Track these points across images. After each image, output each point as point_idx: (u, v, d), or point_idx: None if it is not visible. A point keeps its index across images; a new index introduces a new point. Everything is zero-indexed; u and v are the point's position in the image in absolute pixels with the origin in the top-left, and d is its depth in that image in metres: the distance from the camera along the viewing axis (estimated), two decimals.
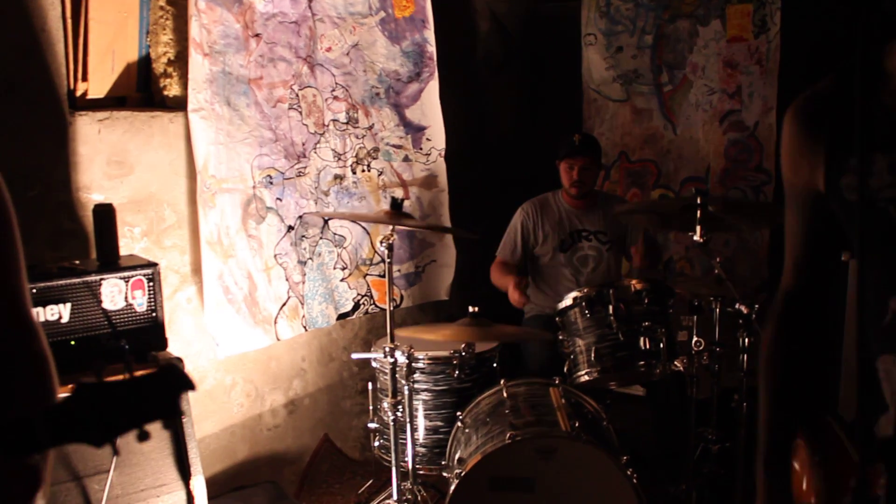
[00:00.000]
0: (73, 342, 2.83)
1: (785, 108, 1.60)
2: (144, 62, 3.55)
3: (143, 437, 1.30)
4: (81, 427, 1.28)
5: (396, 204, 3.24)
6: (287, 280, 3.94)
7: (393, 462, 3.36)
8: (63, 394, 1.33)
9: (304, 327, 4.04)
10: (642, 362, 3.37)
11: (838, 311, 1.81)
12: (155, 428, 1.33)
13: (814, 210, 1.56)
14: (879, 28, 1.29)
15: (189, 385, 1.32)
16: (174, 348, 3.36)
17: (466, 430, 3.17)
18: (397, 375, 3.31)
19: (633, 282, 3.47)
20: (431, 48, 4.51)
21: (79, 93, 3.33)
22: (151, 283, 3.02)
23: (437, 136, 4.57)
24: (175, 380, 1.33)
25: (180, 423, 2.96)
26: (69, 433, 1.28)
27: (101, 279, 2.91)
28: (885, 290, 1.39)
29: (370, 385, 3.57)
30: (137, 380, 1.31)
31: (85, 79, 3.33)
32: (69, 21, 3.25)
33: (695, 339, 3.25)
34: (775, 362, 1.67)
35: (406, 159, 4.46)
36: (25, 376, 1.52)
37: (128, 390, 1.31)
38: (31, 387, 1.52)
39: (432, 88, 4.53)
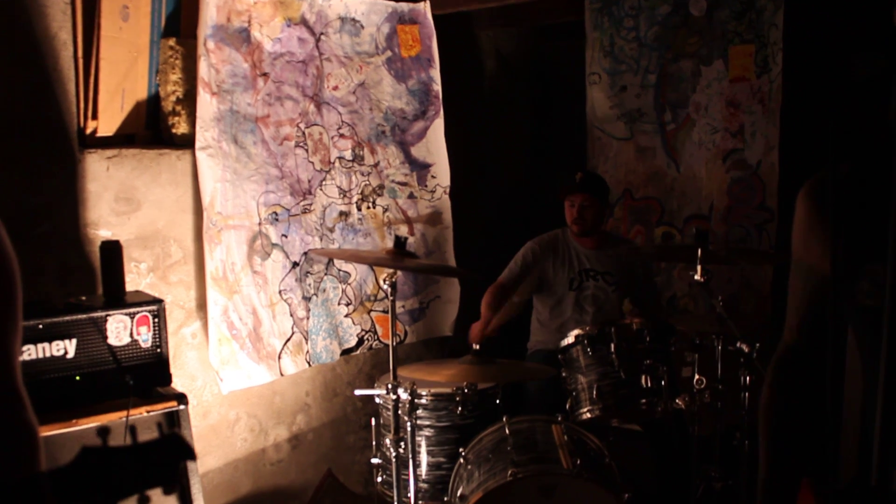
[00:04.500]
0: (77, 378, 2.84)
1: (787, 147, 1.63)
2: (153, 101, 3.60)
3: (144, 501, 1.33)
4: (85, 490, 1.29)
5: (400, 243, 3.24)
6: (292, 316, 3.97)
7: (395, 498, 3.35)
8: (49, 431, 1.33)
9: (308, 363, 4.05)
10: (644, 400, 3.38)
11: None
12: (158, 462, 1.35)
13: (819, 287, 1.62)
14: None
15: (191, 455, 1.34)
16: (178, 383, 3.39)
17: (469, 467, 3.17)
18: (400, 412, 3.32)
19: (635, 320, 3.50)
20: (437, 87, 4.57)
21: (88, 131, 3.38)
22: (157, 320, 3.05)
23: (442, 173, 4.62)
24: (177, 448, 1.36)
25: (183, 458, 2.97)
26: (73, 496, 1.29)
27: (107, 315, 2.94)
28: None
29: (373, 421, 3.58)
30: (140, 446, 1.33)
31: (95, 117, 3.38)
32: (80, 61, 3.30)
33: (696, 377, 3.26)
34: (774, 411, 1.71)
35: (411, 196, 4.50)
36: (15, 446, 1.45)
37: (131, 457, 1.33)
38: (21, 456, 1.45)
39: (438, 126, 4.58)
